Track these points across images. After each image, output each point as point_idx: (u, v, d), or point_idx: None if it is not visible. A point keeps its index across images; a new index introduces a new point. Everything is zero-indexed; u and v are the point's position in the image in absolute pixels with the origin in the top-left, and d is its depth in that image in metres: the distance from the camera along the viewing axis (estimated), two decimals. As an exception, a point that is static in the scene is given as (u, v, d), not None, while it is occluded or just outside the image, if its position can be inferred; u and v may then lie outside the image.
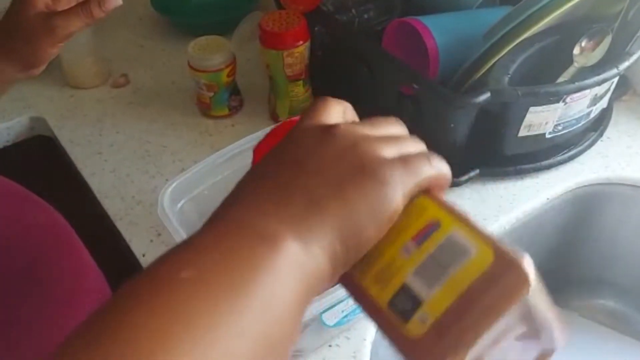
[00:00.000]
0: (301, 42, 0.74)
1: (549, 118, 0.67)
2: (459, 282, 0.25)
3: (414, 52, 0.73)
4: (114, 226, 0.71)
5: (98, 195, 0.75)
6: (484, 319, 0.24)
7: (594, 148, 0.75)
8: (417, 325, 0.26)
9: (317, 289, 0.27)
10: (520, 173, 0.72)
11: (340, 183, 0.28)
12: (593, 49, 0.69)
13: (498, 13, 0.69)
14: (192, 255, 0.25)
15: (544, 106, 0.65)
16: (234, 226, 0.27)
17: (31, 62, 0.54)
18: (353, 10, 0.80)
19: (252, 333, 0.23)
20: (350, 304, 0.53)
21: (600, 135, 0.77)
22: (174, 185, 0.59)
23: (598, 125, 0.77)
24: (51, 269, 0.56)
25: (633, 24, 0.67)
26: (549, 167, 0.73)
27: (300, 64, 0.76)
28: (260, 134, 0.64)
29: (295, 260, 0.26)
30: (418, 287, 0.26)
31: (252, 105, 0.85)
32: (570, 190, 0.73)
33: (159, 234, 0.68)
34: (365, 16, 0.81)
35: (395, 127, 0.32)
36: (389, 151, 0.29)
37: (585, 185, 0.73)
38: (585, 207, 0.75)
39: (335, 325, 0.54)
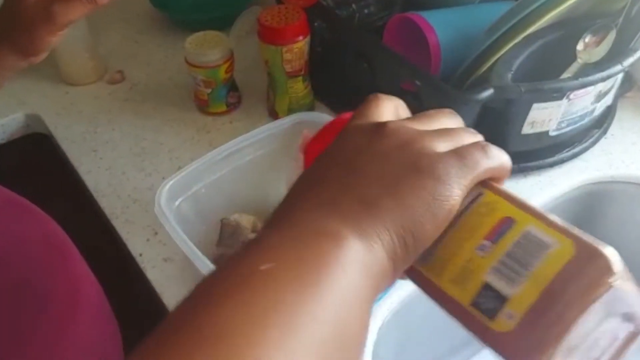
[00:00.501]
0: (301, 38, 0.73)
1: (552, 115, 0.66)
2: (542, 276, 0.25)
3: (416, 48, 0.72)
4: (110, 225, 0.70)
5: (94, 193, 0.74)
6: (571, 312, 0.25)
7: (598, 145, 0.74)
8: (504, 322, 0.26)
9: (381, 285, 0.27)
10: (523, 171, 0.71)
11: (395, 181, 0.28)
12: (597, 45, 0.68)
13: (501, 8, 0.68)
14: (267, 251, 0.26)
15: (548, 103, 0.64)
16: (299, 227, 0.27)
17: (31, 51, 0.53)
18: (353, 5, 0.79)
19: (329, 323, 0.24)
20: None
21: (605, 132, 0.76)
22: (170, 183, 0.58)
23: (602, 122, 0.76)
24: (46, 285, 0.55)
25: (637, 20, 0.66)
26: (552, 165, 0.72)
27: (299, 59, 0.75)
28: (258, 132, 0.63)
29: (359, 257, 0.26)
30: (500, 285, 0.26)
31: (250, 101, 0.84)
32: (574, 189, 0.72)
33: (156, 233, 0.67)
34: (366, 11, 0.80)
35: (448, 120, 0.32)
36: (443, 145, 0.29)
37: (589, 183, 0.72)
38: (589, 205, 0.74)
39: (335, 326, 0.53)
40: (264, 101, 0.82)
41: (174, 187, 0.58)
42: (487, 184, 0.29)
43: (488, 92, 0.62)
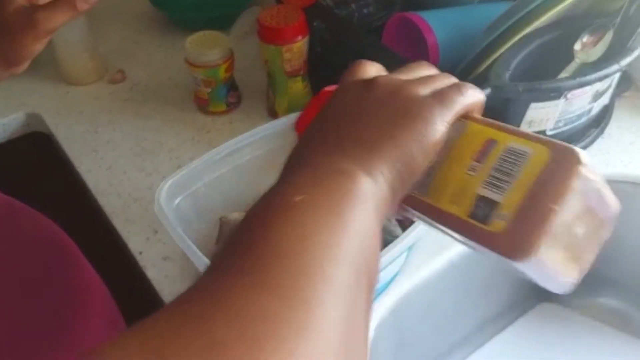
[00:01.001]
0: (300, 38, 0.74)
1: (550, 114, 0.66)
2: (526, 179, 0.30)
3: (414, 47, 0.72)
4: (111, 224, 0.70)
5: (94, 193, 0.74)
6: (552, 202, 0.28)
7: (595, 145, 0.75)
8: (497, 224, 0.30)
9: (385, 212, 0.32)
10: (520, 170, 0.71)
11: (390, 125, 0.33)
12: (594, 45, 0.69)
13: (499, 8, 0.69)
14: (298, 187, 0.30)
15: (545, 102, 0.65)
16: (317, 167, 0.32)
17: (13, 59, 0.52)
18: (352, 5, 0.79)
19: (358, 240, 0.29)
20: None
21: (602, 131, 0.76)
22: (170, 182, 0.58)
23: (599, 121, 0.76)
24: (57, 291, 0.55)
25: (634, 20, 0.66)
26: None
27: (299, 59, 0.75)
28: (257, 131, 0.64)
29: (369, 190, 0.31)
30: (491, 194, 0.30)
31: (250, 101, 0.85)
32: (572, 188, 0.72)
33: (156, 232, 0.68)
34: (365, 11, 0.80)
35: (426, 70, 0.37)
36: (425, 90, 0.34)
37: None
38: (587, 204, 0.74)
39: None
40: (263, 101, 0.83)
41: (173, 186, 0.59)
42: (468, 116, 0.34)
43: (486, 91, 0.62)
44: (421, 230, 0.53)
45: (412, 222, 0.53)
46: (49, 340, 0.52)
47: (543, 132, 0.68)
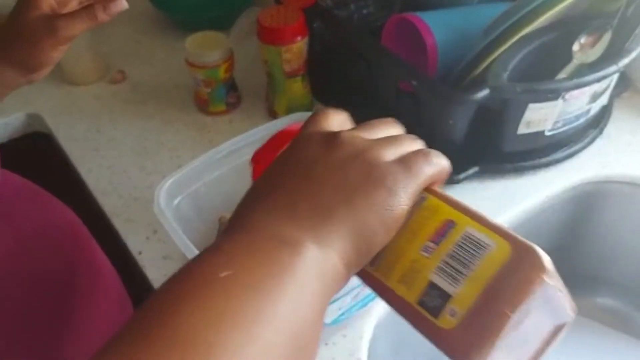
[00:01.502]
0: (299, 38, 0.74)
1: (548, 115, 0.66)
2: (483, 274, 0.27)
3: (414, 48, 0.72)
4: (111, 223, 0.71)
5: (94, 192, 0.74)
6: (508, 307, 0.26)
7: (593, 145, 0.75)
8: (447, 319, 0.28)
9: (335, 289, 0.29)
10: (519, 170, 0.72)
11: (349, 191, 0.29)
12: (592, 46, 0.69)
13: (498, 9, 0.69)
14: (226, 258, 0.27)
15: (543, 103, 0.65)
16: (257, 234, 0.28)
17: (32, 65, 0.53)
18: (352, 6, 0.80)
19: (285, 328, 0.25)
20: (347, 302, 0.53)
21: (600, 132, 0.76)
22: (170, 181, 0.59)
23: (598, 122, 0.76)
24: (69, 271, 0.56)
25: (632, 21, 0.67)
26: (548, 165, 0.72)
27: (298, 59, 0.76)
28: (257, 131, 0.64)
29: (315, 264, 0.28)
30: (444, 283, 0.28)
31: (250, 101, 0.85)
32: (570, 188, 0.72)
33: (156, 231, 0.68)
34: (364, 12, 0.81)
35: (392, 128, 0.34)
36: (391, 154, 0.31)
37: (585, 183, 0.73)
38: (585, 205, 0.75)
39: (332, 323, 0.54)
40: (263, 101, 0.83)
41: (173, 186, 0.59)
42: (429, 189, 0.31)
43: (484, 92, 0.63)
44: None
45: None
46: (59, 319, 0.53)
47: (542, 133, 0.69)
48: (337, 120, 0.34)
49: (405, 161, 0.31)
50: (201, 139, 0.80)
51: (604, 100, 0.72)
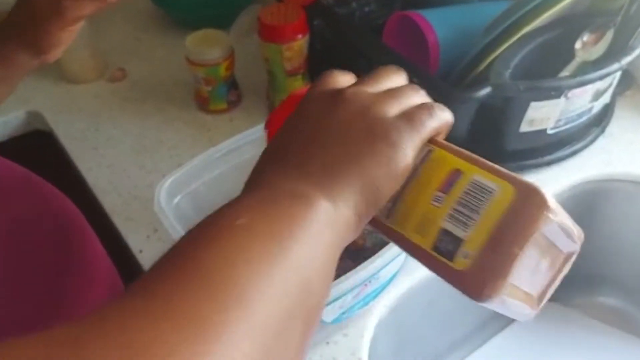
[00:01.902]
0: (300, 36, 0.73)
1: (550, 113, 0.66)
2: (490, 217, 0.29)
3: (415, 45, 0.72)
4: (111, 222, 0.70)
5: (95, 191, 0.74)
6: (517, 244, 0.29)
7: (596, 144, 0.75)
8: (461, 261, 0.30)
9: (346, 239, 0.31)
10: (521, 169, 0.71)
11: (354, 147, 0.31)
12: (595, 43, 0.68)
13: (500, 6, 0.68)
14: (243, 209, 0.29)
15: (546, 101, 0.64)
16: (271, 190, 0.30)
17: (43, 47, 0.53)
18: (353, 4, 0.79)
19: (298, 270, 0.27)
20: (348, 301, 0.52)
21: (603, 130, 0.76)
22: (170, 180, 0.58)
23: (600, 120, 0.76)
24: (66, 257, 0.56)
25: (635, 18, 0.66)
26: (550, 163, 0.72)
27: (299, 57, 0.75)
28: (258, 129, 0.64)
29: (327, 215, 0.29)
30: (455, 229, 0.30)
31: (250, 99, 0.85)
32: (572, 187, 0.72)
33: (156, 230, 0.68)
34: (366, 9, 0.80)
35: (396, 77, 0.35)
36: (394, 109, 0.32)
37: (587, 182, 0.73)
38: (587, 203, 0.74)
39: (333, 322, 0.53)
40: (264, 99, 0.83)
41: (173, 184, 0.59)
42: (433, 140, 0.33)
43: (486, 90, 0.63)
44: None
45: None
46: (51, 307, 0.53)
47: (544, 131, 0.68)
48: (343, 80, 0.35)
49: (409, 115, 0.32)
50: (201, 137, 0.80)
51: (606, 98, 0.72)
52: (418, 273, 0.63)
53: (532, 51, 0.67)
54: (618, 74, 0.70)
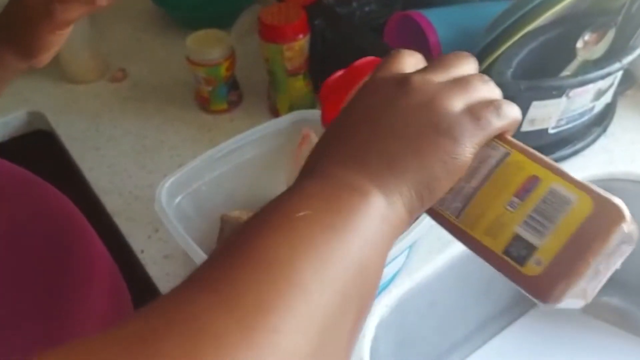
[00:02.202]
0: (301, 36, 0.73)
1: (552, 112, 0.66)
2: (567, 227, 0.30)
3: (416, 45, 0.72)
4: (112, 221, 0.70)
5: (96, 191, 0.74)
6: (591, 254, 0.29)
7: (597, 143, 0.75)
8: (532, 267, 0.30)
9: (398, 233, 0.31)
10: (522, 168, 0.71)
11: (417, 140, 0.30)
12: (596, 43, 0.68)
13: (501, 6, 0.68)
14: (304, 201, 0.29)
15: (547, 100, 0.64)
16: (329, 181, 0.30)
17: (31, 49, 0.53)
18: (354, 3, 0.79)
19: (355, 264, 0.28)
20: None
21: (604, 130, 0.76)
22: (171, 180, 0.58)
23: (602, 120, 0.76)
24: (65, 256, 0.56)
25: (637, 18, 0.66)
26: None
27: (300, 57, 0.75)
28: (258, 130, 0.64)
29: (382, 211, 0.30)
30: (529, 236, 0.30)
31: (251, 100, 0.84)
32: (573, 186, 0.72)
33: (157, 230, 0.68)
34: (366, 9, 0.80)
35: (466, 64, 0.34)
36: (460, 103, 0.31)
37: (589, 181, 0.72)
38: (589, 203, 0.74)
39: (334, 322, 0.53)
40: (264, 99, 0.83)
41: (174, 185, 0.59)
42: (508, 140, 0.33)
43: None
44: (422, 229, 0.53)
45: (414, 220, 0.53)
46: (50, 306, 0.53)
47: (545, 131, 0.68)
48: (411, 62, 0.34)
49: (475, 112, 0.31)
50: (202, 137, 0.80)
51: (608, 97, 0.72)
52: (419, 273, 0.63)
53: (534, 50, 0.67)
54: (619, 74, 0.70)
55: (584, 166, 0.73)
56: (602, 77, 0.65)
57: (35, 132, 0.89)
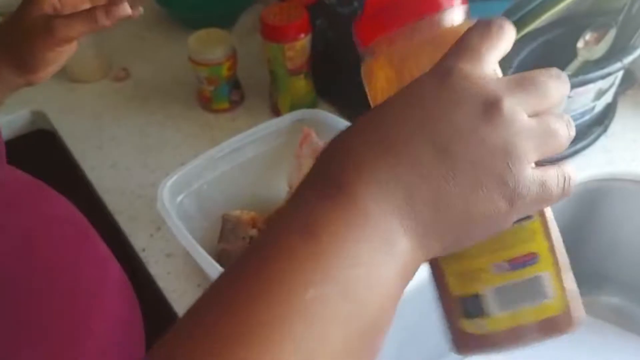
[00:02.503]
0: (303, 36, 0.74)
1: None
2: (525, 315, 0.29)
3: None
4: (114, 220, 0.71)
5: (98, 190, 0.75)
6: (525, 344, 0.29)
7: (598, 143, 0.75)
8: (473, 326, 0.30)
9: (411, 278, 0.28)
10: (523, 168, 0.71)
11: (475, 189, 0.25)
12: (597, 43, 0.69)
13: (502, 5, 0.69)
14: (316, 223, 0.24)
15: (548, 100, 0.64)
16: (357, 204, 0.24)
17: (29, 65, 0.52)
18: (355, 3, 0.79)
19: (369, 328, 0.25)
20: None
21: (605, 129, 0.76)
22: (173, 179, 0.59)
23: (602, 119, 0.76)
24: (74, 263, 0.56)
25: (637, 18, 0.66)
26: (552, 162, 0.72)
27: (301, 57, 0.75)
28: (260, 129, 0.64)
29: (407, 267, 0.26)
30: (491, 303, 0.29)
31: (252, 99, 0.85)
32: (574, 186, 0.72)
33: (159, 228, 0.68)
34: (367, 9, 0.80)
35: (560, 92, 0.28)
36: (535, 156, 0.26)
37: (589, 181, 0.73)
38: (589, 202, 0.74)
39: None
40: (266, 99, 0.83)
41: (176, 184, 0.59)
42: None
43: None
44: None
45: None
46: (66, 313, 0.53)
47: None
48: (497, 55, 0.28)
49: (546, 183, 0.26)
50: (204, 136, 0.80)
51: (608, 97, 0.72)
52: (420, 273, 0.63)
53: (535, 50, 0.67)
54: (620, 73, 0.70)
55: (585, 166, 0.73)
56: (603, 77, 0.65)
57: (37, 131, 0.89)
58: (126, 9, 0.54)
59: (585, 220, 0.76)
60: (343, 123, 0.64)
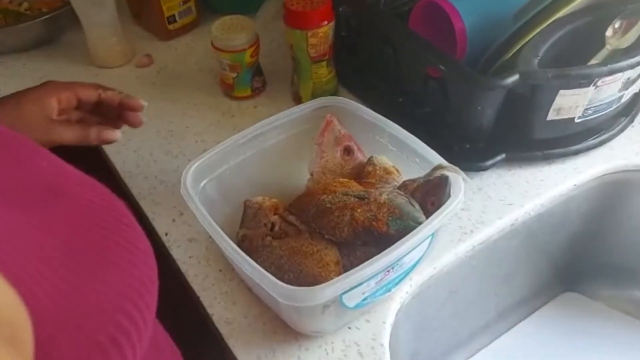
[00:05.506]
0: (326, 22, 0.73)
1: (579, 102, 0.65)
2: None
3: (442, 32, 0.71)
4: (137, 204, 0.72)
5: (122, 174, 0.75)
6: None
7: (624, 133, 0.73)
8: None
9: None
10: (547, 158, 0.71)
11: None
12: (626, 31, 0.67)
13: (529, -7, 0.67)
14: None
15: (575, 89, 0.63)
16: None
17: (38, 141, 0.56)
18: (379, -10, 0.79)
19: None
20: (371, 286, 0.53)
21: (632, 120, 0.74)
22: (196, 165, 0.59)
23: (629, 110, 0.75)
24: (120, 248, 0.58)
25: (670, 5, 0.65)
26: (577, 153, 0.71)
27: (324, 44, 0.75)
28: (282, 116, 0.64)
29: None
30: None
31: (275, 86, 0.85)
32: (599, 177, 0.71)
33: (182, 213, 0.69)
34: (391, -4, 0.80)
35: None
36: None
37: (614, 172, 0.71)
38: (614, 193, 0.73)
39: (355, 307, 0.54)
40: (288, 86, 0.83)
41: (199, 169, 0.60)
42: None
43: (514, 78, 0.62)
44: (445, 217, 0.53)
45: (436, 209, 0.53)
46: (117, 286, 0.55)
47: (571, 120, 0.67)
48: None
49: None
50: (226, 123, 0.80)
51: (636, 87, 0.70)
52: (441, 261, 0.63)
53: (562, 38, 0.66)
54: (650, 63, 0.68)
55: (610, 157, 0.72)
56: (632, 67, 0.64)
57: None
58: (116, 136, 0.61)
59: (609, 212, 0.75)
60: (365, 110, 0.63)
